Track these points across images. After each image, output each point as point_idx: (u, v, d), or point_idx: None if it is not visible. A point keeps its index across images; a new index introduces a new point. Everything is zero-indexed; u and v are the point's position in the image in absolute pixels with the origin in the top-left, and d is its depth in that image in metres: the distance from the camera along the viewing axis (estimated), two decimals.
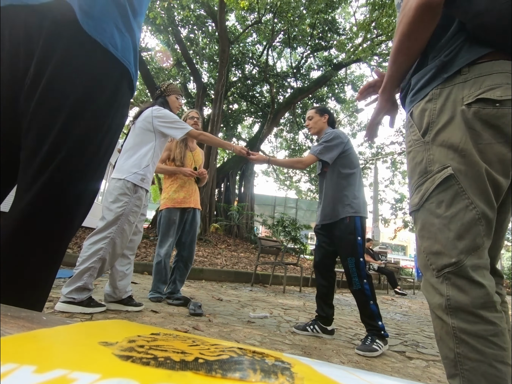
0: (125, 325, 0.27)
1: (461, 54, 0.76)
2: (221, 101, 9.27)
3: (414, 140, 0.83)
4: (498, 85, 0.71)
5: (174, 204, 2.63)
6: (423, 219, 0.80)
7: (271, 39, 10.58)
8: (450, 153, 0.75)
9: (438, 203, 0.77)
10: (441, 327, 0.75)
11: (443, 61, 0.77)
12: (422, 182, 0.80)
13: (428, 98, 0.80)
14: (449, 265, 0.73)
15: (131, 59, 0.79)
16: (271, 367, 0.18)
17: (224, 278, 4.85)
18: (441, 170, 0.76)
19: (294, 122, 13.08)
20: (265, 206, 15.48)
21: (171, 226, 2.60)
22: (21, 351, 0.17)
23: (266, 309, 2.83)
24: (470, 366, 0.69)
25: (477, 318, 0.70)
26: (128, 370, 0.16)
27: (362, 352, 1.79)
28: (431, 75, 0.80)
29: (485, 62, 0.73)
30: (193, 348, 0.20)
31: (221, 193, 11.16)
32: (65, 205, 0.69)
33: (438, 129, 0.78)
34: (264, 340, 1.79)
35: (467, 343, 0.70)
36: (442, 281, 0.75)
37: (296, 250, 9.00)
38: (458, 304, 0.71)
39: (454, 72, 0.76)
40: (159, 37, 10.69)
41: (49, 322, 0.27)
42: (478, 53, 0.73)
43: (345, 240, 2.06)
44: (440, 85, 0.78)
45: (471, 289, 0.71)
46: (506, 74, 0.71)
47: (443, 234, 0.75)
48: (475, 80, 0.73)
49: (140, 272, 4.32)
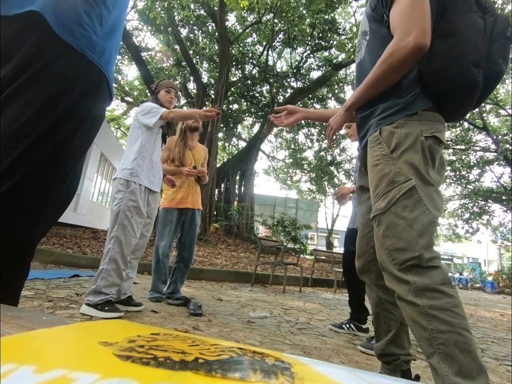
0: (125, 325, 0.27)
1: (418, 100, 0.99)
2: (221, 101, 9.27)
3: (382, 155, 1.01)
4: (441, 131, 0.98)
5: (171, 204, 2.65)
6: (388, 221, 0.95)
7: (271, 39, 10.58)
8: (411, 170, 0.95)
9: (403, 207, 0.93)
10: (413, 310, 0.88)
11: (408, 100, 0.99)
12: (389, 189, 0.96)
13: (395, 125, 1.00)
14: (412, 258, 0.89)
15: (108, 64, 0.80)
16: (271, 367, 0.18)
17: (224, 278, 4.85)
18: (406, 181, 0.94)
19: None
20: (265, 206, 15.48)
21: (167, 225, 2.62)
22: (21, 351, 0.17)
23: (266, 309, 2.83)
24: (444, 338, 0.81)
25: (440, 293, 0.84)
26: (128, 370, 0.15)
27: (364, 349, 1.80)
28: (398, 109, 1.00)
29: (431, 112, 0.99)
30: (193, 348, 0.20)
31: (221, 193, 11.16)
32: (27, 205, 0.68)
33: (403, 150, 0.97)
34: (264, 340, 1.79)
35: (437, 317, 0.83)
36: (405, 272, 0.90)
37: (296, 250, 9.00)
38: (423, 285, 0.86)
39: (413, 112, 0.99)
40: (159, 37, 10.70)
41: (49, 322, 0.27)
42: (427, 104, 0.99)
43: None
44: (404, 118, 0.99)
45: (430, 271, 0.87)
46: (443, 124, 1.00)
47: (407, 233, 0.91)
48: (427, 122, 0.98)
49: (140, 272, 4.32)
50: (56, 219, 0.77)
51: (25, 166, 0.65)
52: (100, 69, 0.77)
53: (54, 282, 2.80)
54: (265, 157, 16.11)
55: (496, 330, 3.25)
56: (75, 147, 0.75)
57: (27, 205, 0.68)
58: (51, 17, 0.69)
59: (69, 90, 0.71)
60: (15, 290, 0.72)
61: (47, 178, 0.70)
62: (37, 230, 0.72)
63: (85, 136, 0.78)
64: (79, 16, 0.74)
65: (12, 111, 0.65)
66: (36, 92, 0.67)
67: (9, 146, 0.64)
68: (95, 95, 0.77)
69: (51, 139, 0.69)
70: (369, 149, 1.06)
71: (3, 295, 0.67)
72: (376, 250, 1.01)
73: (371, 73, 1.02)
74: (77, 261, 4.10)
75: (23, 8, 0.68)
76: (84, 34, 0.74)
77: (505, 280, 14.40)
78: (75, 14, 0.73)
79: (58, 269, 3.65)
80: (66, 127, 0.72)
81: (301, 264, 5.65)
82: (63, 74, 0.71)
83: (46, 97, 0.68)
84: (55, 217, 0.76)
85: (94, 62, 0.76)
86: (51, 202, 0.73)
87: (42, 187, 0.69)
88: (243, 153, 11.62)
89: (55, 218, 0.77)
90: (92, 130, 0.80)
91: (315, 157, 14.22)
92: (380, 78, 1.00)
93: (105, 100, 0.82)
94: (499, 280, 14.61)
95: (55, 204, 0.74)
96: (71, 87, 0.71)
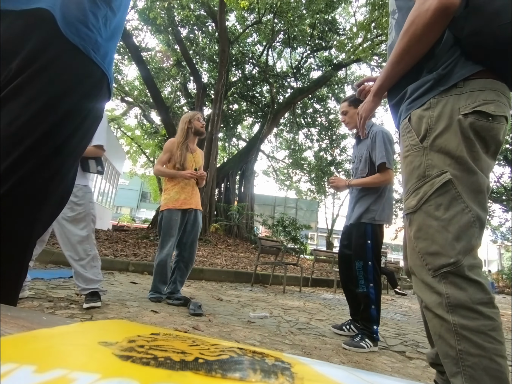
0: (125, 325, 0.27)
1: (457, 69, 0.81)
2: (221, 101, 9.27)
3: (412, 145, 0.87)
4: (492, 101, 0.77)
5: (175, 205, 2.63)
6: (420, 221, 0.83)
7: (271, 39, 10.58)
8: (447, 160, 0.80)
9: (437, 206, 0.80)
10: (441, 325, 0.77)
11: (440, 74, 0.82)
12: (420, 185, 0.83)
13: (426, 107, 0.84)
14: (447, 265, 0.76)
15: (110, 65, 0.79)
16: (271, 367, 0.18)
17: (224, 278, 4.85)
18: (440, 175, 0.80)
19: (294, 122, 13.07)
20: (265, 206, 15.49)
21: (172, 226, 2.60)
22: (21, 351, 0.17)
23: (266, 309, 2.83)
24: (472, 361, 0.71)
25: (477, 314, 0.73)
26: (128, 370, 0.15)
27: (348, 346, 1.82)
28: (428, 86, 0.84)
29: (477, 79, 0.79)
30: (193, 348, 0.20)
31: (221, 193, 11.15)
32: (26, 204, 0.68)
33: (435, 136, 0.82)
34: (264, 340, 1.79)
35: (468, 339, 0.72)
36: (439, 280, 0.77)
37: (296, 250, 9.00)
38: (457, 301, 0.74)
39: (451, 85, 0.81)
40: (159, 37, 10.70)
41: (49, 322, 0.27)
42: (471, 70, 0.79)
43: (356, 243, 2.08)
44: (437, 96, 0.82)
45: (469, 287, 0.74)
46: (496, 92, 0.78)
47: (442, 235, 0.79)
48: (470, 94, 0.79)
49: (140, 272, 4.32)
50: (53, 219, 0.77)
51: (23, 168, 0.65)
52: (103, 70, 0.77)
53: (54, 282, 2.80)
54: (265, 157, 16.11)
55: None
56: (74, 148, 0.75)
57: (25, 206, 0.68)
58: (59, 16, 0.69)
59: (72, 91, 0.71)
60: (14, 291, 0.72)
61: (45, 180, 0.70)
62: (35, 230, 0.72)
63: (83, 137, 0.78)
64: (85, 16, 0.73)
65: (12, 110, 0.65)
66: (37, 92, 0.66)
67: (8, 148, 0.64)
68: (97, 96, 0.77)
69: (51, 141, 0.69)
70: (401, 140, 0.93)
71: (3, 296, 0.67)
72: (408, 252, 0.90)
73: (395, 48, 0.87)
74: None
75: (31, 5, 0.68)
76: (89, 35, 0.74)
77: (505, 280, 14.41)
78: (82, 15, 0.73)
79: (58, 269, 3.65)
80: (66, 129, 0.71)
81: (301, 264, 5.65)
82: (67, 74, 0.70)
83: (47, 98, 0.68)
84: (52, 218, 0.77)
85: (98, 64, 0.75)
86: (49, 202, 0.72)
87: (40, 188, 0.69)
88: (243, 153, 11.61)
89: (52, 219, 0.77)
90: (90, 131, 0.80)
91: (315, 157, 14.22)
92: (404, 52, 0.85)
93: (104, 101, 0.82)
94: (499, 280, 14.62)
95: (52, 204, 0.74)
96: (73, 88, 0.71)
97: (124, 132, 16.67)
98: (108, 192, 13.69)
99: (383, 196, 2.08)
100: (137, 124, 15.48)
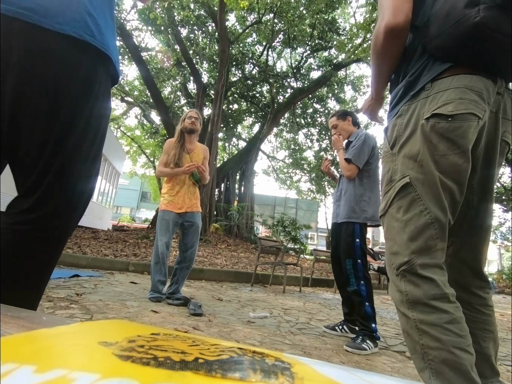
0: (125, 325, 0.27)
1: (424, 73, 0.85)
2: (221, 101, 9.27)
3: (385, 152, 0.93)
4: (451, 101, 0.79)
5: (168, 207, 2.65)
6: (387, 223, 0.90)
7: (271, 39, 10.57)
8: (410, 164, 0.84)
9: (398, 208, 0.86)
10: (406, 322, 0.82)
11: (408, 80, 0.87)
12: (387, 190, 0.90)
13: (398, 114, 0.89)
14: (403, 264, 0.82)
15: (110, 42, 0.76)
16: (271, 367, 0.18)
17: (224, 278, 4.85)
18: (400, 179, 0.85)
19: (294, 122, 13.07)
20: (265, 206, 15.49)
21: (165, 227, 2.63)
22: (21, 351, 0.17)
23: (266, 309, 2.83)
24: (433, 355, 0.76)
25: (431, 308, 0.77)
26: (128, 370, 0.15)
27: (351, 348, 1.81)
28: (400, 94, 0.89)
29: (445, 77, 0.81)
30: (193, 348, 0.20)
31: (221, 192, 11.15)
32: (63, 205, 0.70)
33: (402, 142, 0.87)
34: (264, 340, 1.79)
35: (427, 332, 0.77)
36: (400, 278, 0.83)
37: (296, 250, 8.99)
38: (414, 298, 0.80)
39: (419, 89, 0.84)
40: (159, 38, 10.69)
41: (49, 322, 0.27)
42: (438, 70, 0.82)
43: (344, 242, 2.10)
44: (408, 102, 0.87)
45: (422, 283, 0.79)
46: (461, 89, 0.79)
47: (400, 236, 0.84)
48: (434, 96, 0.82)
49: (140, 272, 4.32)
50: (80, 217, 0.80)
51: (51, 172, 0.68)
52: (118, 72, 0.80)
53: (54, 282, 2.80)
54: (265, 157, 16.10)
55: None
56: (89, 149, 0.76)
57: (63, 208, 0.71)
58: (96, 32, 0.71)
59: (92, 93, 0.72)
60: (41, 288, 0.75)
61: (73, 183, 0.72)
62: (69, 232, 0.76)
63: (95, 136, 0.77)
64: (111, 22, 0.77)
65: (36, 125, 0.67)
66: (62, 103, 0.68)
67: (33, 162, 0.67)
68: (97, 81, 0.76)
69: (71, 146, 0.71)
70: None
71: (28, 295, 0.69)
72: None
73: (370, 65, 0.98)
74: (77, 261, 4.10)
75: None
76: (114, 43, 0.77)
77: (505, 280, 14.40)
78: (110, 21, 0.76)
79: (58, 269, 3.65)
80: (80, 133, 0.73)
81: (301, 264, 5.65)
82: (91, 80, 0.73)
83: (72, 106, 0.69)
84: (81, 215, 0.79)
85: (117, 68, 0.78)
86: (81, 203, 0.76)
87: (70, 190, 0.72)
88: (243, 153, 11.61)
89: (81, 216, 0.79)
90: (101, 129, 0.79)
91: (315, 157, 14.21)
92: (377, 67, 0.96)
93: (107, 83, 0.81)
94: (499, 280, 14.61)
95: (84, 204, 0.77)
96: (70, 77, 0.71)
97: (124, 132, 16.67)
98: (108, 191, 13.68)
99: (367, 195, 2.13)
100: (137, 124, 15.49)
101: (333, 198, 2.37)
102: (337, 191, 2.29)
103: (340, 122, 2.30)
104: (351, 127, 2.30)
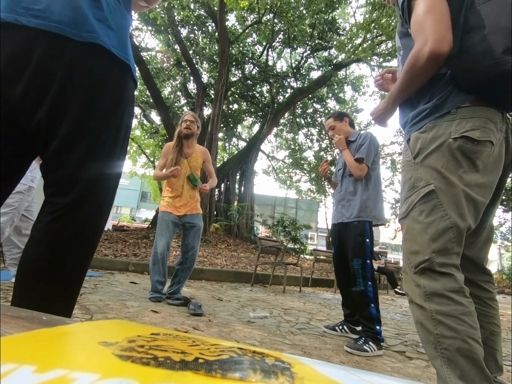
0: (125, 325, 0.27)
1: (450, 99, 0.95)
2: (221, 101, 9.26)
3: (407, 161, 1.03)
4: (478, 128, 0.91)
5: (167, 209, 2.66)
6: (407, 225, 0.98)
7: (271, 39, 10.56)
8: (434, 174, 0.94)
9: (420, 212, 0.95)
10: (421, 314, 0.90)
11: (436, 104, 0.97)
12: (409, 195, 0.99)
13: (423, 130, 0.99)
14: (423, 261, 0.91)
15: (129, 52, 0.84)
16: (271, 367, 0.18)
17: (224, 278, 4.85)
18: (425, 186, 0.95)
19: (294, 122, 13.06)
20: (265, 206, 15.48)
21: (165, 227, 2.63)
22: (21, 351, 0.17)
23: (266, 309, 2.83)
24: (447, 343, 0.83)
25: (448, 300, 0.85)
26: (128, 370, 0.15)
27: (351, 349, 1.79)
28: (426, 114, 1.00)
29: (468, 107, 0.93)
30: (193, 348, 0.20)
31: (221, 192, 11.14)
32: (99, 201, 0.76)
33: (426, 154, 0.97)
34: (264, 340, 1.79)
35: (443, 322, 0.84)
36: (419, 275, 0.92)
37: (296, 250, 9.00)
38: (432, 290, 0.88)
39: (445, 112, 0.95)
40: (159, 38, 10.69)
41: (49, 322, 0.27)
42: (463, 101, 0.93)
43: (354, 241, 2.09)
44: (433, 121, 0.97)
45: (441, 277, 0.88)
46: (484, 119, 0.92)
47: (421, 237, 0.93)
48: (460, 121, 0.93)
49: (140, 272, 4.32)
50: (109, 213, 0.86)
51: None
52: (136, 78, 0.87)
53: None
54: (265, 157, 16.09)
55: None
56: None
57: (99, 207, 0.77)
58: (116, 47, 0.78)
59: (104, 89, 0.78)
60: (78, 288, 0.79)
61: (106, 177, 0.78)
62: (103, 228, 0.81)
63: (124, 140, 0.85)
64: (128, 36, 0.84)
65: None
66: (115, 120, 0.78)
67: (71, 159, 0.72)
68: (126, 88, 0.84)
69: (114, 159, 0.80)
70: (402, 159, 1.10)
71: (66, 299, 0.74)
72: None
73: (398, 82, 1.05)
74: None
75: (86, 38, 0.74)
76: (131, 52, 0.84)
77: (505, 280, 14.41)
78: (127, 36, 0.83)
79: None
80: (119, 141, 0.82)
81: (301, 264, 5.65)
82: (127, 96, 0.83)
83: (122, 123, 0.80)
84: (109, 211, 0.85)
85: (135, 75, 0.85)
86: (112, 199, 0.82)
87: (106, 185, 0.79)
88: (243, 153, 11.60)
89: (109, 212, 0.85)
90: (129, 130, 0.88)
91: (315, 157, 14.20)
92: (404, 87, 1.03)
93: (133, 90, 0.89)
94: (499, 280, 14.62)
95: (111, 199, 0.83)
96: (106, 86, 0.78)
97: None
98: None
99: (372, 194, 2.13)
100: (137, 124, 15.47)
101: (335, 198, 2.36)
102: (340, 191, 2.28)
103: (337, 124, 2.33)
104: (348, 128, 2.32)
